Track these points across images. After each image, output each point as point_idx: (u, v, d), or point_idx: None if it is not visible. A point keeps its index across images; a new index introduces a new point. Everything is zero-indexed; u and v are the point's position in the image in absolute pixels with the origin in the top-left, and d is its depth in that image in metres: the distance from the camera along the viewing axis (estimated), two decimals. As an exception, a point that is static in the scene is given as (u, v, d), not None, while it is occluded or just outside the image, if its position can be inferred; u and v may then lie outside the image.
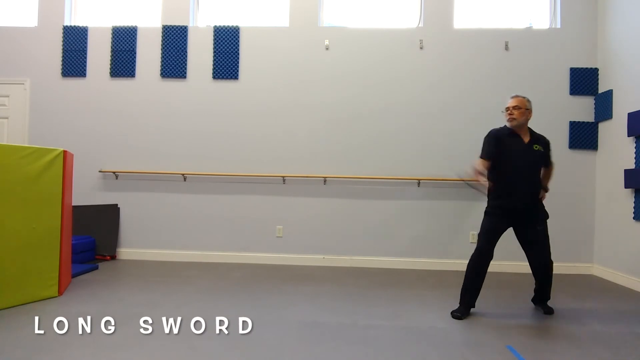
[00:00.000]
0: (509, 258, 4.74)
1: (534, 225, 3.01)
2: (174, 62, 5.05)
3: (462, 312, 3.04)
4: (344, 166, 4.87)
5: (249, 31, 5.03)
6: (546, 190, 3.19)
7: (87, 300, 3.24)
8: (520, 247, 4.71)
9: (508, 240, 4.74)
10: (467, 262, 4.96)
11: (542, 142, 3.12)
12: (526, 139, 3.08)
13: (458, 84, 4.85)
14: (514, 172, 3.00)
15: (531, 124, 4.74)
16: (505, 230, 3.08)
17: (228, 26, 5.03)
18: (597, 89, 4.74)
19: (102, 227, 4.95)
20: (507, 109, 3.12)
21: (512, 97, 3.16)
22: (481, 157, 3.09)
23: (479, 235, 3.10)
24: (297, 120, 4.95)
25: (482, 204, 4.75)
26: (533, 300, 3.34)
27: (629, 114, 4.10)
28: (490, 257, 3.05)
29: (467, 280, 3.09)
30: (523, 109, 3.09)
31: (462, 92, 4.84)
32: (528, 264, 3.16)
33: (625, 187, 4.13)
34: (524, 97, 3.15)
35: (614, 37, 4.48)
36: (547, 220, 3.09)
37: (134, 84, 5.09)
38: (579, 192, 4.74)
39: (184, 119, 5.04)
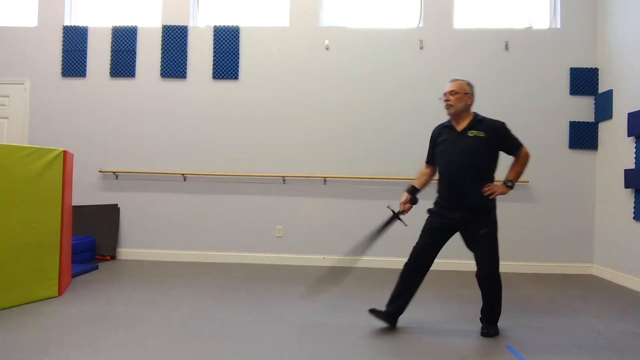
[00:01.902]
0: (509, 258, 4.74)
1: (475, 229, 2.62)
2: (174, 62, 5.04)
3: (381, 314, 2.73)
4: (344, 166, 4.87)
5: (249, 31, 5.03)
6: (508, 185, 2.69)
7: (87, 300, 3.24)
8: (520, 247, 4.76)
9: (508, 240, 4.75)
10: (467, 262, 4.96)
11: (486, 127, 2.63)
12: (461, 127, 2.66)
13: (458, 84, 4.84)
14: (444, 166, 2.67)
15: (532, 124, 4.82)
16: (448, 233, 2.75)
17: (228, 26, 5.03)
18: (597, 89, 4.74)
19: (102, 227, 4.95)
20: (445, 94, 2.69)
21: (451, 81, 2.72)
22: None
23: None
24: (297, 120, 4.95)
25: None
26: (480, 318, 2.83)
27: (629, 114, 4.10)
28: (422, 261, 2.75)
29: (397, 282, 2.77)
30: (461, 93, 2.64)
31: (462, 92, 4.83)
32: (528, 263, 3.14)
33: (625, 187, 4.13)
34: (463, 81, 2.71)
35: (614, 37, 4.48)
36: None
37: (134, 84, 5.09)
38: (579, 192, 4.74)
39: (184, 119, 5.04)
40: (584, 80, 4.75)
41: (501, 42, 4.83)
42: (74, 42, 5.10)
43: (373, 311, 2.73)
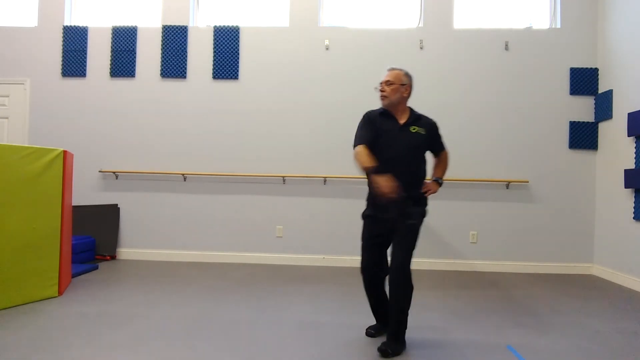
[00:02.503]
0: (509, 258, 4.75)
1: (403, 219, 2.38)
2: (174, 62, 5.04)
3: (376, 328, 2.65)
4: (344, 166, 4.87)
5: (249, 31, 5.03)
6: (439, 182, 2.62)
7: (87, 300, 3.24)
8: (520, 247, 4.76)
9: (508, 240, 4.76)
10: (467, 262, 4.96)
11: (424, 124, 2.58)
12: (402, 120, 2.54)
13: (458, 84, 4.85)
14: (386, 159, 2.41)
15: (532, 124, 4.83)
16: (389, 233, 2.46)
17: (228, 26, 5.03)
18: (597, 89, 4.74)
19: (102, 227, 4.95)
20: (380, 84, 2.59)
21: (388, 70, 2.62)
22: (355, 145, 2.51)
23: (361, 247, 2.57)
24: (297, 120, 4.95)
25: (483, 204, 4.81)
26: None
27: (629, 114, 4.10)
28: (375, 270, 2.51)
29: (367, 297, 2.64)
30: (397, 84, 2.53)
31: (462, 92, 4.84)
32: (528, 263, 3.13)
33: (625, 187, 4.13)
34: (400, 70, 2.60)
35: (614, 37, 4.48)
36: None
37: (134, 84, 5.09)
38: (579, 192, 4.74)
39: (184, 119, 5.04)
40: (584, 80, 4.75)
41: (501, 42, 4.83)
42: (74, 42, 5.10)
43: (372, 333, 2.62)
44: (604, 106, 4.58)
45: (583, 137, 4.73)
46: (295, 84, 4.97)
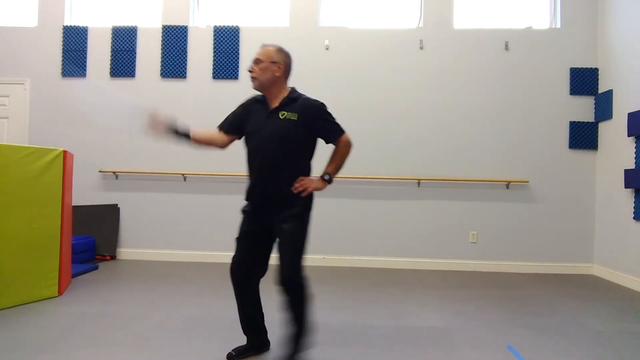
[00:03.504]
0: (509, 258, 4.75)
1: (279, 224, 2.11)
2: (174, 62, 5.04)
3: (241, 350, 2.26)
4: (344, 166, 4.86)
5: (249, 31, 5.03)
6: (325, 178, 2.28)
7: (87, 300, 3.24)
8: (520, 247, 4.76)
9: (508, 240, 4.76)
10: (467, 262, 4.95)
11: (299, 108, 2.17)
12: (273, 105, 2.18)
13: (458, 84, 4.85)
14: (252, 149, 2.19)
15: (532, 124, 4.83)
16: (266, 236, 2.20)
17: (228, 26, 5.03)
18: (597, 89, 4.74)
19: (102, 227, 4.95)
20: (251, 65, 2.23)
21: (260, 47, 2.26)
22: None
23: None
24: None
25: (483, 204, 4.81)
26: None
27: (629, 114, 4.10)
28: (244, 271, 2.24)
29: (237, 305, 2.31)
30: (266, 62, 2.16)
31: (462, 92, 4.84)
32: (528, 263, 3.13)
33: (625, 187, 4.13)
34: (272, 47, 2.24)
35: (614, 37, 4.48)
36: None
37: (134, 84, 5.09)
38: (579, 192, 4.74)
39: (184, 119, 4.96)
40: (584, 80, 4.75)
41: (501, 42, 4.83)
42: (74, 42, 5.10)
43: (232, 355, 2.24)
44: (604, 106, 4.58)
45: (583, 137, 4.73)
46: (295, 84, 4.93)
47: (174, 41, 5.04)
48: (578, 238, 4.72)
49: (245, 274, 2.24)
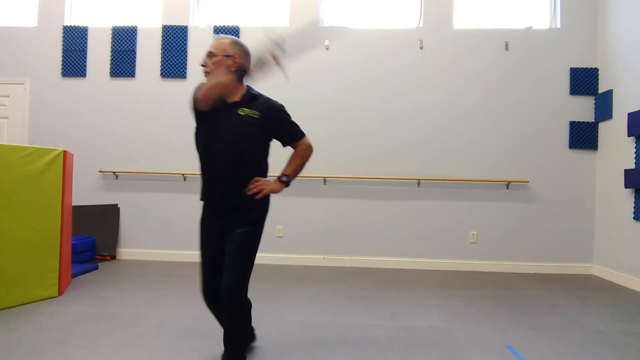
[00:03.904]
0: (509, 258, 4.75)
1: (232, 227, 2.02)
2: (174, 62, 5.04)
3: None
4: (344, 166, 4.87)
5: (249, 31, 5.03)
6: (283, 180, 2.14)
7: (87, 300, 3.24)
8: (520, 247, 4.76)
9: (508, 240, 4.76)
10: (467, 262, 4.95)
11: (261, 106, 2.03)
12: (232, 99, 2.02)
13: (458, 84, 4.85)
14: (204, 149, 2.04)
15: (532, 124, 4.83)
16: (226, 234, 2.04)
17: (228, 26, 5.03)
18: (597, 89, 4.74)
19: (102, 227, 4.95)
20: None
21: (215, 40, 2.08)
22: None
23: None
24: (297, 120, 4.91)
25: (483, 204, 4.81)
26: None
27: (629, 114, 4.10)
28: (217, 291, 2.01)
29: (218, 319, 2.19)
30: (220, 56, 2.00)
31: (462, 92, 4.84)
32: (528, 263, 3.12)
33: (625, 187, 4.13)
34: (227, 39, 2.05)
35: (614, 37, 4.48)
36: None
37: (134, 84, 5.08)
38: (579, 192, 4.74)
39: (184, 119, 5.03)
40: (584, 80, 4.75)
41: (501, 42, 4.83)
42: (74, 42, 5.10)
43: None
44: (604, 106, 4.58)
45: (583, 137, 4.73)
46: (295, 84, 4.97)
47: (174, 41, 5.04)
48: (578, 238, 4.72)
49: (217, 295, 2.04)
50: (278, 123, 2.10)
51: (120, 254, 5.00)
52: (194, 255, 4.93)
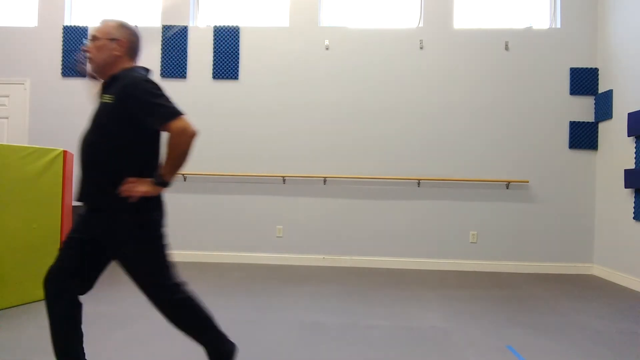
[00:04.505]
0: (509, 258, 4.75)
1: (113, 249, 1.83)
2: (174, 62, 5.04)
3: None
4: (344, 166, 4.87)
5: (249, 31, 5.03)
6: (157, 182, 1.80)
7: (86, 300, 3.23)
8: (520, 247, 4.76)
9: (508, 240, 4.76)
10: (467, 262, 4.93)
11: (118, 87, 1.68)
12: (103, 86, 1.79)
13: (458, 84, 4.85)
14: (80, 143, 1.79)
15: (532, 124, 4.84)
16: (93, 246, 1.81)
17: (228, 26, 5.03)
18: (597, 89, 4.74)
19: (102, 227, 4.94)
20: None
21: (99, 23, 1.82)
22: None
23: None
24: (297, 120, 4.95)
25: (483, 204, 4.81)
26: None
27: (629, 114, 4.10)
28: (67, 283, 1.82)
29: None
30: (103, 39, 1.75)
31: (462, 92, 4.84)
32: (528, 263, 3.13)
33: (625, 187, 4.13)
34: (112, 22, 1.81)
35: (614, 37, 4.48)
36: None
37: (134, 84, 5.08)
38: (579, 192, 4.74)
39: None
40: (584, 80, 4.75)
41: (501, 42, 4.83)
42: (74, 42, 5.10)
43: None
44: (604, 106, 4.58)
45: (583, 137, 4.73)
46: (295, 84, 4.97)
47: (174, 41, 5.04)
48: (578, 238, 4.73)
49: (58, 286, 1.82)
50: (134, 102, 1.65)
51: (120, 254, 4.99)
52: (194, 255, 4.93)
